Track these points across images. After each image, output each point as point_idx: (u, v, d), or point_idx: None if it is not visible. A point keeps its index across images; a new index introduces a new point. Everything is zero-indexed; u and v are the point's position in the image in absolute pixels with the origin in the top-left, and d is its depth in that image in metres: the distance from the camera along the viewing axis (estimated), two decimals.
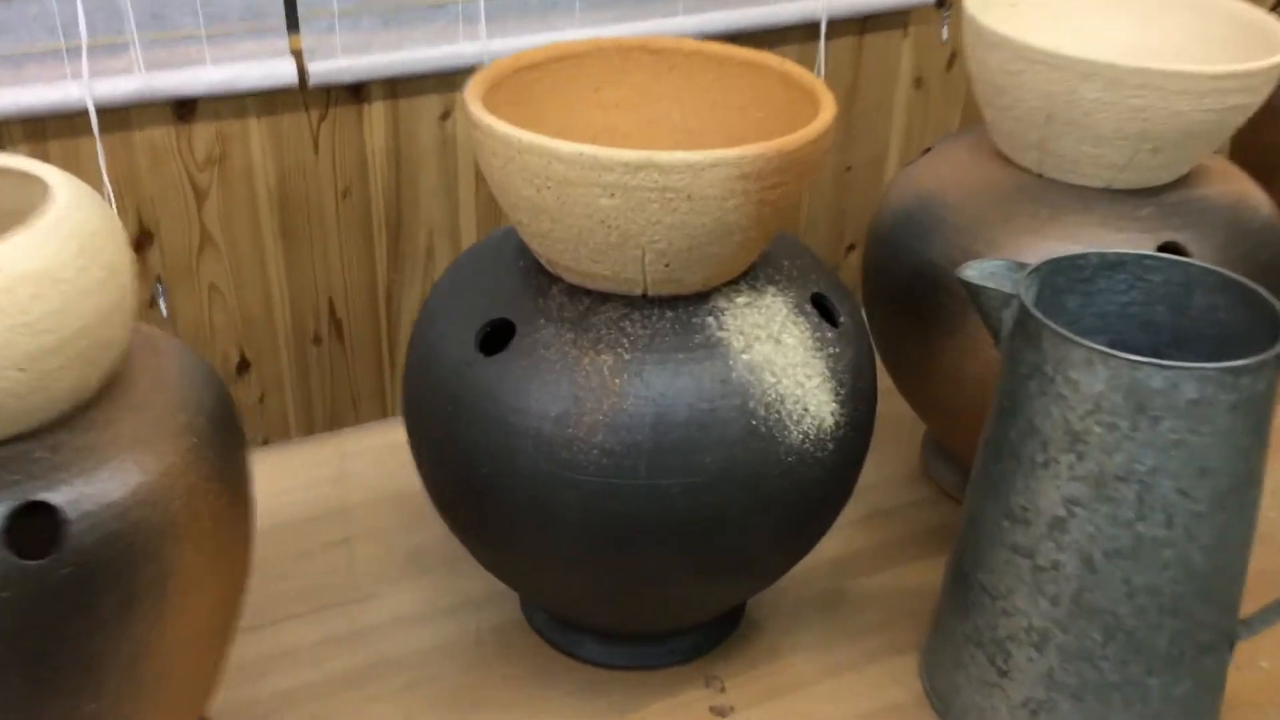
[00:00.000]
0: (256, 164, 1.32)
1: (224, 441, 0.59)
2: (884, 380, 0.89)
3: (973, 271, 0.68)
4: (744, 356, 0.64)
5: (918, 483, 0.95)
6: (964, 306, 0.78)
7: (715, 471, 0.63)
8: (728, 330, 0.65)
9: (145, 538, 0.53)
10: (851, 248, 1.69)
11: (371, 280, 1.43)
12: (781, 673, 0.77)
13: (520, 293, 0.67)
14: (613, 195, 0.59)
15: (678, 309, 0.65)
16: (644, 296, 0.65)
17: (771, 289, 0.68)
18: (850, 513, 0.89)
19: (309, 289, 1.42)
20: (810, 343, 0.66)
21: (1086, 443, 0.62)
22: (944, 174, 0.83)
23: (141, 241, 1.29)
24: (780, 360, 0.65)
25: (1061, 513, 0.64)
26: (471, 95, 0.65)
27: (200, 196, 1.31)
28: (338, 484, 0.91)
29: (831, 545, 0.87)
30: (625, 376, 0.63)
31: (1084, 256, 0.69)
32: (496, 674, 0.76)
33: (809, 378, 0.65)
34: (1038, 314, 0.63)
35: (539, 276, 0.68)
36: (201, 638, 0.59)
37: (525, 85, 0.71)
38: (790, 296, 0.68)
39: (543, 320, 0.65)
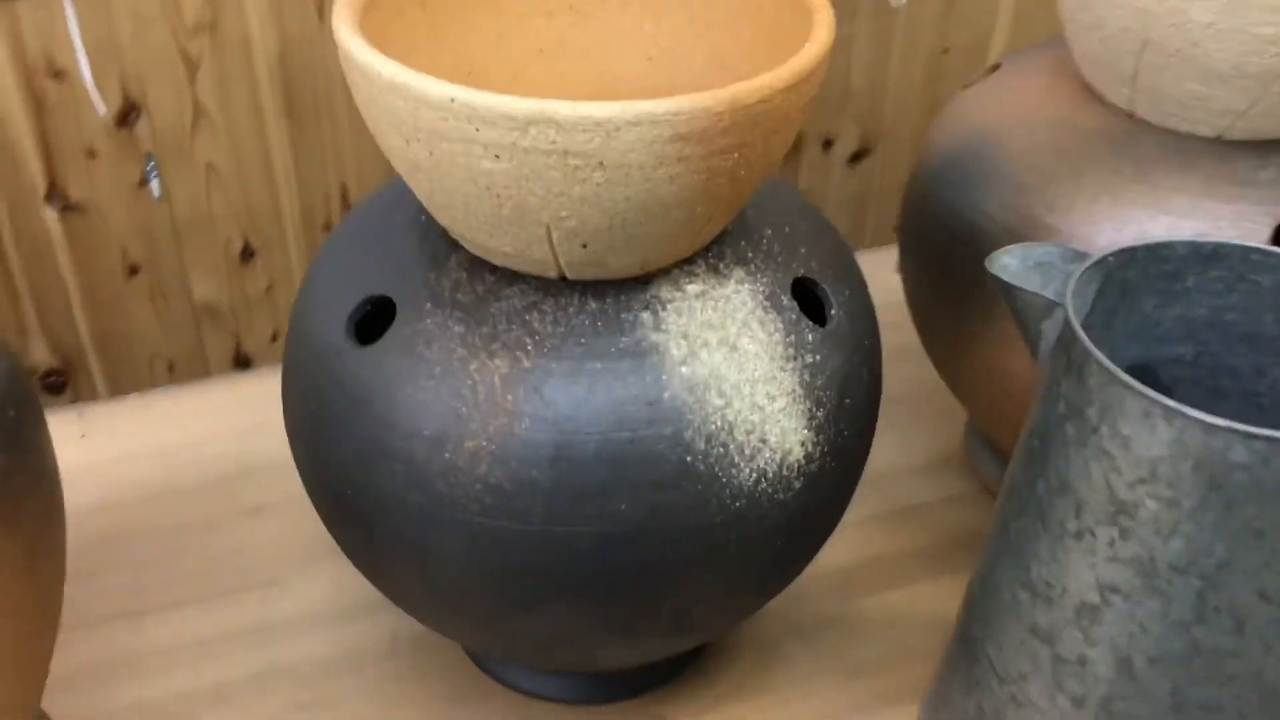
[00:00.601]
0: (254, 32, 1.17)
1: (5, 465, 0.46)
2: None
3: (1010, 260, 0.50)
4: (683, 369, 0.48)
5: (957, 472, 0.79)
6: None
7: (636, 520, 0.48)
8: (667, 331, 0.49)
9: None
10: None
11: (388, 163, 1.28)
12: (747, 719, 0.64)
13: (411, 262, 0.52)
14: (498, 157, 0.43)
15: (605, 299, 0.50)
16: (563, 279, 0.50)
17: (738, 273, 0.52)
18: (867, 505, 0.74)
19: (318, 172, 1.28)
20: (780, 350, 0.50)
21: (1134, 518, 0.46)
22: (1008, 105, 0.65)
23: (128, 114, 1.17)
24: (733, 374, 0.49)
25: (1094, 599, 0.48)
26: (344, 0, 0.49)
27: (191, 67, 1.17)
28: (261, 434, 0.78)
29: (836, 549, 0.72)
30: (521, 390, 0.48)
31: (1168, 245, 0.51)
32: (406, 697, 0.64)
33: (772, 398, 0.50)
34: (1084, 338, 0.46)
35: (439, 241, 0.53)
36: None
37: None
38: (763, 282, 0.52)
39: (429, 304, 0.50)
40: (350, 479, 0.51)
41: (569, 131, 0.42)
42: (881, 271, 0.81)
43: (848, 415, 0.52)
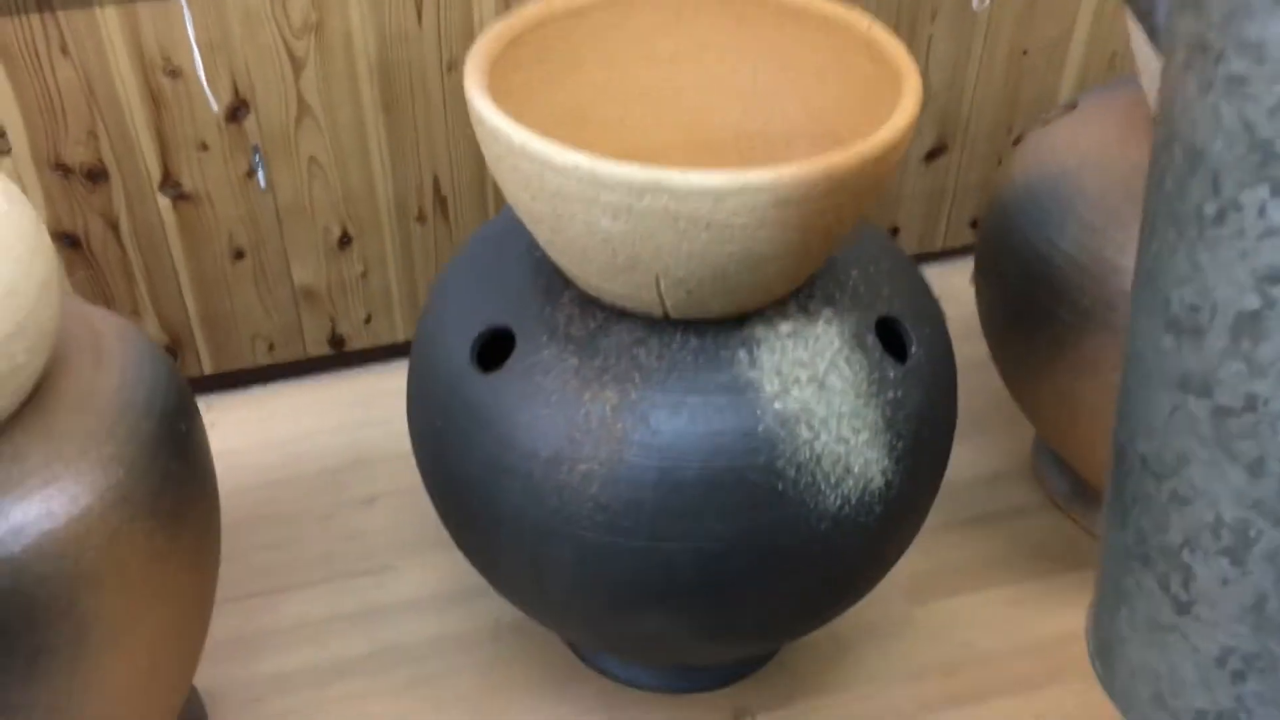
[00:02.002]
0: (355, 32, 1.23)
1: (167, 464, 0.52)
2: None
3: None
4: (776, 405, 0.53)
5: (1025, 484, 0.83)
6: (1083, 322, 0.64)
7: (730, 538, 0.53)
8: (761, 369, 0.54)
9: (52, 593, 0.47)
10: (1019, 140, 1.50)
11: (478, 158, 1.33)
12: (823, 714, 0.69)
13: (527, 296, 0.57)
14: (616, 217, 0.48)
15: (705, 336, 0.54)
16: (666, 318, 0.55)
17: (826, 312, 0.56)
18: (943, 513, 0.78)
19: (412, 165, 1.34)
20: (865, 385, 0.55)
21: None
22: (1084, 147, 0.68)
23: (237, 110, 1.23)
24: (822, 410, 0.54)
25: (1254, 303, 0.35)
26: (474, 61, 0.54)
27: (297, 65, 1.23)
28: (375, 428, 0.85)
29: (909, 555, 0.76)
30: (630, 419, 0.53)
31: None
32: (508, 679, 0.70)
33: (856, 431, 0.54)
34: None
35: (553, 277, 0.58)
36: (144, 674, 0.54)
37: (558, 35, 0.59)
38: (849, 323, 0.56)
39: (545, 336, 0.55)
40: (473, 491, 0.56)
41: (681, 197, 0.47)
42: (956, 280, 0.85)
43: (925, 446, 0.57)
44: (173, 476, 0.52)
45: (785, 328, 0.55)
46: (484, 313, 0.58)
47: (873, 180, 0.50)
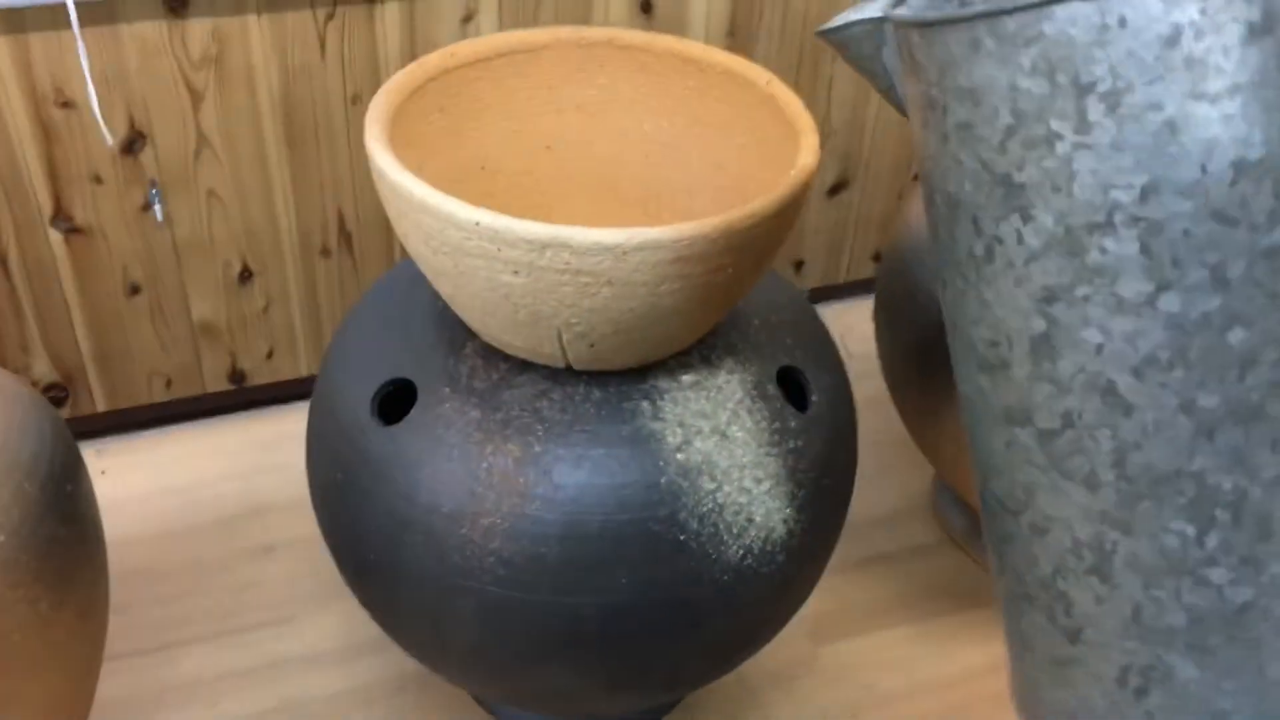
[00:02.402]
0: (257, 65, 1.21)
1: (53, 528, 0.50)
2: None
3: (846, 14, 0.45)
4: (679, 456, 0.53)
5: (924, 523, 0.84)
6: None
7: (634, 591, 0.53)
8: (664, 420, 0.54)
9: None
10: (918, 176, 1.54)
11: None
12: None
13: (430, 347, 0.57)
14: (517, 273, 0.48)
15: (608, 388, 0.55)
16: (569, 369, 0.55)
17: (729, 362, 0.57)
18: (846, 552, 0.79)
19: (316, 198, 1.32)
20: (766, 436, 0.55)
21: (1025, 190, 0.36)
22: None
23: (133, 143, 1.20)
24: (724, 461, 0.54)
25: (1041, 325, 0.37)
26: (375, 113, 0.54)
27: (196, 98, 1.21)
28: (274, 474, 0.83)
29: (815, 595, 0.77)
30: (533, 473, 0.53)
31: None
32: None
33: (758, 481, 0.55)
34: (900, 12, 0.39)
35: (456, 328, 0.57)
36: None
37: (462, 84, 0.59)
38: (750, 373, 0.57)
39: (448, 389, 0.55)
40: (373, 546, 0.55)
41: (581, 254, 0.47)
42: (858, 315, 0.86)
43: (827, 494, 0.58)
44: (59, 540, 0.50)
45: (688, 378, 0.55)
46: (386, 364, 0.57)
47: (772, 235, 0.50)
